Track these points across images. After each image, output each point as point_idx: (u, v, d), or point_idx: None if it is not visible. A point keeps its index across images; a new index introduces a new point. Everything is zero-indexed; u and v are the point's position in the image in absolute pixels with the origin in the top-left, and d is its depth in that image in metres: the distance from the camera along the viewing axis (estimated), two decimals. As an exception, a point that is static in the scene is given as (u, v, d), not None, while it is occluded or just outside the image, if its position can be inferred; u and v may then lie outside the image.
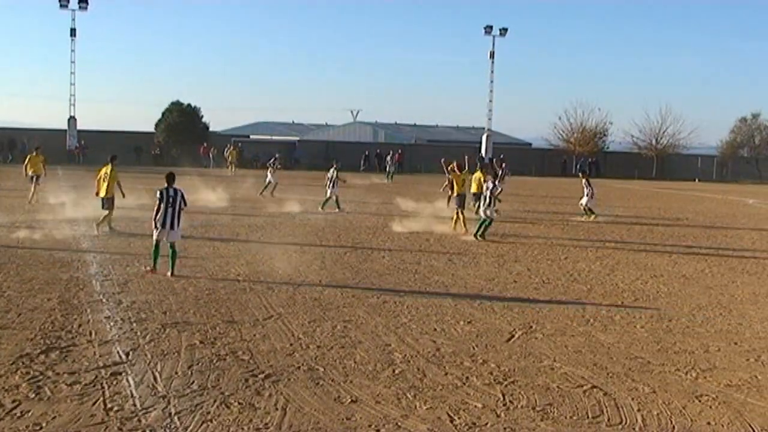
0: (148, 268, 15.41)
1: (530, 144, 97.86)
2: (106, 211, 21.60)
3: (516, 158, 72.04)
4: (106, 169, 21.93)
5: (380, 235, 22.54)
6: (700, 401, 8.80)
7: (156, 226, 15.25)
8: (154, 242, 15.44)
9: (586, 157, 77.07)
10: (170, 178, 15.42)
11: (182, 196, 15.36)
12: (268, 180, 35.12)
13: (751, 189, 63.03)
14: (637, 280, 16.59)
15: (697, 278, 17.25)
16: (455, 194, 25.18)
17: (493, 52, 75.96)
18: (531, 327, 11.98)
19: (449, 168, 26.09)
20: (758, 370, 10.16)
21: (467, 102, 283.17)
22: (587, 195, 29.44)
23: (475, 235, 22.07)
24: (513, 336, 11.40)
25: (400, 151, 68.23)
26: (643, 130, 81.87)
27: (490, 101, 77.23)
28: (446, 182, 27.55)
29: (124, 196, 22.33)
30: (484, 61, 77.94)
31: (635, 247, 22.01)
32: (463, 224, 23.70)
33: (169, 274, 15.03)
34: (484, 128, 78.87)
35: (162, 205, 15.14)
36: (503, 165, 34.30)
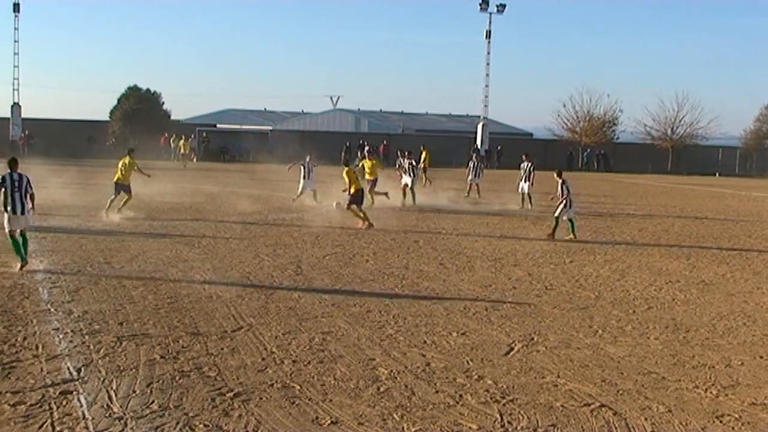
0: (20, 266, 16.00)
1: (531, 134, 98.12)
2: (112, 197, 25.53)
3: (516, 150, 72.06)
4: (125, 160, 26.05)
5: (363, 236, 22.55)
6: (721, 422, 8.84)
7: (6, 211, 16.01)
8: (9, 236, 16.08)
9: (594, 148, 77.38)
10: (12, 163, 16.36)
11: (28, 181, 16.28)
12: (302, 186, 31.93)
13: (778, 184, 63.40)
14: (651, 286, 16.66)
15: (718, 284, 17.34)
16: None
17: (490, 31, 76.03)
18: (532, 339, 12.02)
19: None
20: (786, 387, 10.22)
21: (461, 88, 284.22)
22: (564, 204, 23.66)
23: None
24: (512, 349, 11.42)
25: (385, 141, 68.32)
26: (657, 119, 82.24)
27: (486, 86, 77.29)
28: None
29: (149, 176, 27.26)
30: (479, 42, 78.19)
31: (648, 250, 22.10)
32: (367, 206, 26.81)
33: (18, 267, 15.90)
34: (479, 116, 78.95)
35: (7, 191, 15.99)
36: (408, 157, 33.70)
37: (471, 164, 37.58)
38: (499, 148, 72.65)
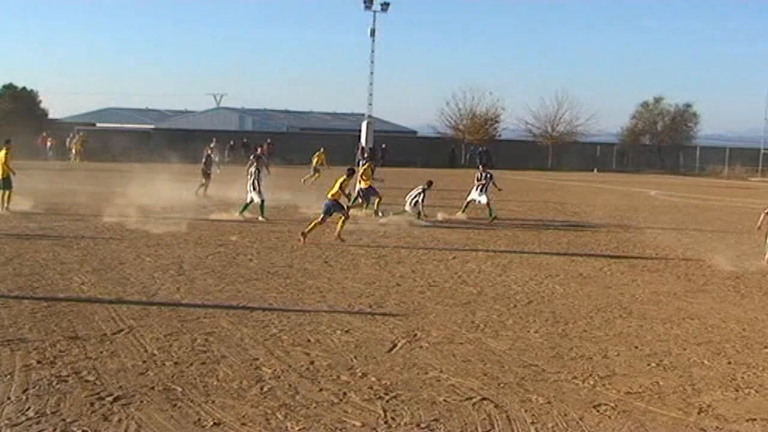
0: None
1: (416, 132, 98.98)
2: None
3: (400, 147, 72.80)
4: (1, 154, 25.97)
5: (247, 234, 22.39)
6: (598, 411, 9.08)
7: None
8: None
9: (477, 145, 78.38)
10: None
11: None
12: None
13: (654, 179, 65.34)
14: (531, 281, 16.99)
15: (596, 277, 17.79)
16: None
17: (374, 30, 76.30)
18: (415, 335, 12.12)
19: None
20: (660, 376, 10.54)
21: (346, 86, 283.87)
22: (480, 189, 28.79)
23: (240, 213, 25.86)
24: (395, 346, 11.50)
25: (269, 140, 67.91)
26: (538, 117, 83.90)
27: (371, 84, 77.53)
28: None
29: (14, 173, 26.42)
30: (364, 40, 78.31)
31: (529, 245, 22.53)
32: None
33: None
34: (364, 115, 79.19)
35: None
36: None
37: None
38: (383, 146, 72.94)
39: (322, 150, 47.20)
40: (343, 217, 21.79)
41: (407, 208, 27.23)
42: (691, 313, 14.42)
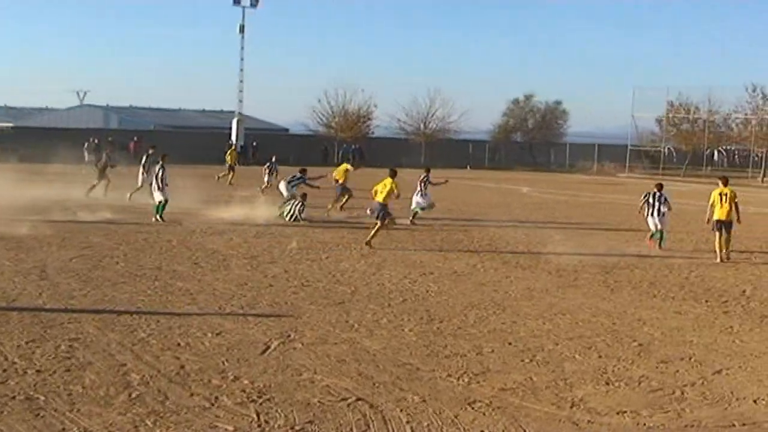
0: None
1: (288, 130, 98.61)
2: None
3: (271, 145, 72.10)
4: None
5: (114, 236, 21.91)
6: (473, 408, 9.21)
7: None
8: None
9: (350, 143, 78.57)
10: None
11: None
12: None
13: (526, 176, 66.59)
14: (405, 279, 17.13)
15: (469, 274, 18.04)
16: None
17: (243, 26, 75.75)
18: (289, 336, 12.08)
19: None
20: (533, 371, 10.77)
21: (216, 83, 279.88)
22: (420, 194, 28.73)
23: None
24: (268, 347, 11.44)
25: (135, 138, 66.71)
26: (410, 114, 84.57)
27: (241, 81, 77.02)
28: None
29: None
30: (234, 36, 77.56)
31: (404, 243, 22.70)
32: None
33: None
34: (234, 112, 78.53)
35: None
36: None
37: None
38: (254, 144, 72.50)
39: (232, 147, 46.75)
40: (380, 223, 21.74)
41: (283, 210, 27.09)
42: (562, 309, 14.77)
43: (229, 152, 46.31)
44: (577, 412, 9.25)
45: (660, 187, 24.01)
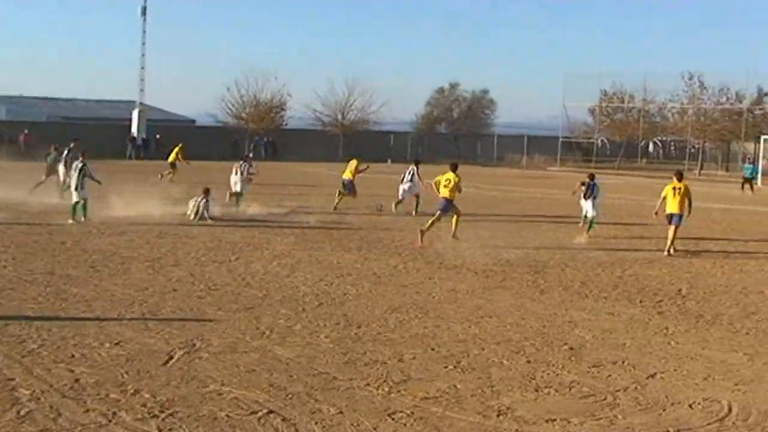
0: None
1: (194, 121, 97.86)
2: None
3: (176, 138, 71.40)
4: None
5: (1, 238, 21.51)
6: (393, 419, 9.24)
7: None
8: None
9: (262, 135, 78.27)
10: None
11: None
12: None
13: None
14: (321, 281, 17.12)
15: (390, 276, 18.10)
16: None
17: (145, 8, 75.04)
18: (194, 345, 11.99)
19: None
20: (457, 379, 10.85)
21: (115, 71, 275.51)
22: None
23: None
24: (172, 357, 11.35)
25: (27, 130, 65.70)
26: (327, 104, 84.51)
27: (143, 68, 76.33)
28: None
29: None
30: (134, 21, 76.80)
31: (319, 243, 22.67)
32: None
33: None
34: (135, 102, 77.68)
35: None
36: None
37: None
38: (157, 136, 71.80)
39: (180, 145, 46.13)
40: (456, 216, 23.72)
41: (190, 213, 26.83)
42: (489, 311, 14.91)
43: (175, 150, 45.75)
44: (504, 421, 9.34)
45: (592, 177, 26.16)
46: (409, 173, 31.79)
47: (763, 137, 69.84)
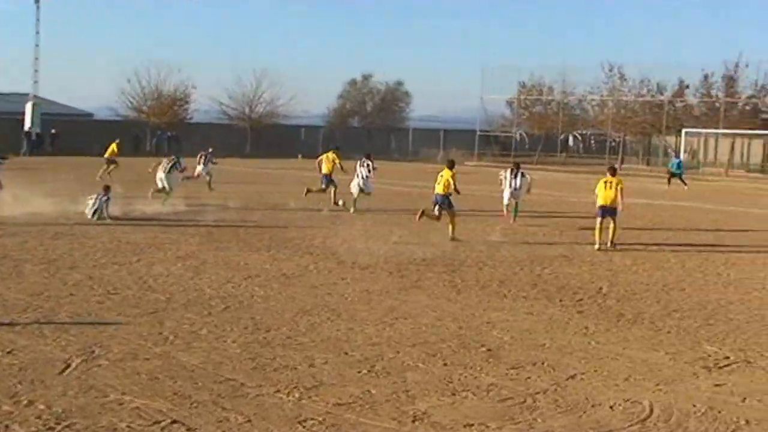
0: None
1: (92, 114, 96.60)
2: None
3: (74, 132, 70.79)
4: None
5: None
6: (304, 427, 9.22)
7: None
8: None
9: (164, 129, 77.60)
10: None
11: None
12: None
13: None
14: (228, 283, 17.02)
15: (300, 276, 18.07)
16: None
17: (39, -5, 73.84)
18: (93, 352, 11.84)
19: None
20: (371, 383, 10.86)
21: (6, 62, 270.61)
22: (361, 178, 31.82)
23: None
24: (69, 366, 11.18)
25: None
26: (234, 96, 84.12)
27: (36, 59, 75.18)
28: None
29: None
30: (28, 8, 75.58)
31: (226, 243, 22.55)
32: None
33: None
34: (28, 95, 76.45)
35: None
36: None
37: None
38: (53, 131, 70.79)
39: (117, 140, 45.49)
40: (451, 217, 24.47)
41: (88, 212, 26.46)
42: (404, 312, 14.95)
43: (112, 145, 45.21)
44: (420, 427, 9.38)
45: (517, 165, 29.87)
46: (366, 167, 32.28)
47: (684, 130, 71.24)
